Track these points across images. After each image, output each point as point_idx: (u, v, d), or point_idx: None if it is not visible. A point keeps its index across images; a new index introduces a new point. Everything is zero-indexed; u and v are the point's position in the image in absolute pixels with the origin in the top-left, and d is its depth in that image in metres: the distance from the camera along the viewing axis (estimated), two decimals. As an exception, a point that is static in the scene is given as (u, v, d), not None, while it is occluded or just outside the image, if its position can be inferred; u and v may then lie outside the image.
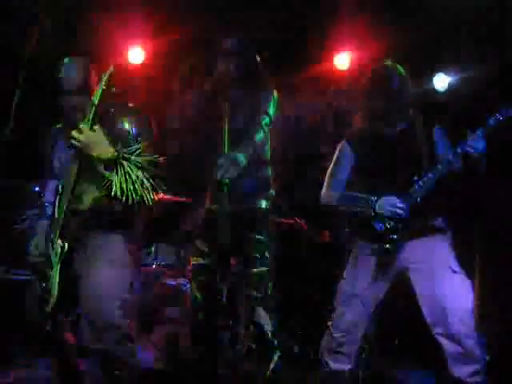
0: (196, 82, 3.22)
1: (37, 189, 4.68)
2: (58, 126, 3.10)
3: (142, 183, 2.70)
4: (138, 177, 2.69)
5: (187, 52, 5.15)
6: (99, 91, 2.73)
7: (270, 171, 3.15)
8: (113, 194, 2.69)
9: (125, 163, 2.70)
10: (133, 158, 2.72)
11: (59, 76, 2.83)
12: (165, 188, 2.77)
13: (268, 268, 2.98)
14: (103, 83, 2.73)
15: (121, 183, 2.67)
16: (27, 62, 2.72)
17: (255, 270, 2.95)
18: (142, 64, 5.30)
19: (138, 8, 4.76)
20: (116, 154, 2.70)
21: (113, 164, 2.70)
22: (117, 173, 2.69)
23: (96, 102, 2.72)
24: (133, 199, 2.68)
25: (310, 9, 4.92)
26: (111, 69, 2.76)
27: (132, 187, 2.68)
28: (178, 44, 5.03)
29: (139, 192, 2.70)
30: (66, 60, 2.87)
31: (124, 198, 2.68)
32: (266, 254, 2.98)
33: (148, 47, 5.24)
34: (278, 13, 4.91)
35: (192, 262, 3.08)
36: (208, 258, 3.02)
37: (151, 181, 2.72)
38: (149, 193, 2.71)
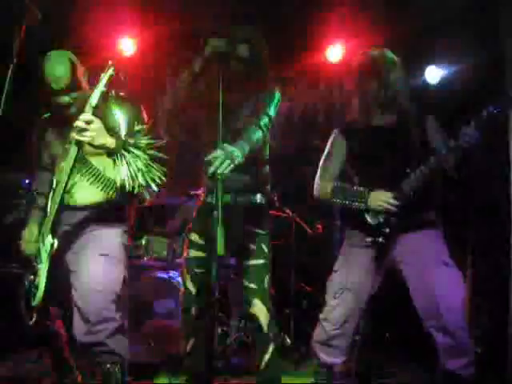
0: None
1: (27, 181, 4.64)
2: (45, 116, 3.05)
3: (148, 167, 2.65)
4: (143, 160, 2.65)
5: (177, 44, 5.11)
6: (98, 93, 2.59)
7: (267, 169, 3.09)
8: (119, 179, 2.64)
9: (130, 148, 2.65)
10: (132, 141, 2.66)
11: (46, 76, 2.70)
12: (166, 172, 2.71)
13: (265, 261, 2.95)
14: (103, 85, 2.60)
15: (128, 167, 2.62)
16: (15, 55, 2.62)
17: (252, 262, 2.93)
18: (132, 54, 5.25)
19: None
20: (120, 140, 2.65)
21: (118, 150, 2.64)
22: (122, 158, 2.63)
23: (94, 103, 2.59)
24: (138, 184, 2.63)
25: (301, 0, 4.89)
26: (111, 70, 2.62)
27: (137, 170, 2.63)
28: (168, 34, 4.99)
29: (146, 176, 2.65)
30: (51, 57, 2.74)
31: (131, 182, 2.63)
32: (263, 247, 2.95)
33: (138, 37, 5.19)
34: (269, 5, 4.87)
35: (187, 255, 3.02)
36: (203, 251, 2.96)
37: (155, 165, 2.67)
38: (154, 176, 2.67)
